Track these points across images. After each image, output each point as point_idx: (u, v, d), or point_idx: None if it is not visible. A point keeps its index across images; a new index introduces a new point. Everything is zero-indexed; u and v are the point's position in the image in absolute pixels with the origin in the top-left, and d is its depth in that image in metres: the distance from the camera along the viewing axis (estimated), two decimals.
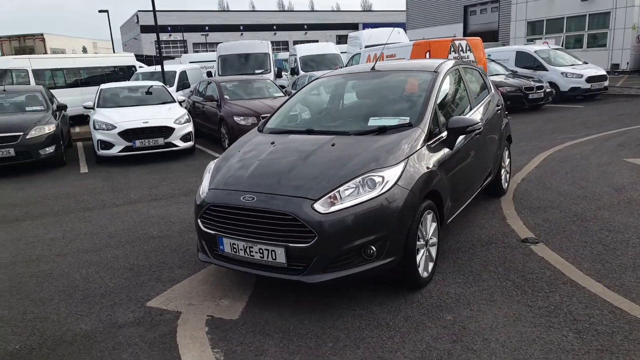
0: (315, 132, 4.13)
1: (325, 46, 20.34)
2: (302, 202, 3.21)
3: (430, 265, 3.79)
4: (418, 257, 3.54)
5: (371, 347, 2.94)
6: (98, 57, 19.42)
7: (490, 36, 35.40)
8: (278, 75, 19.19)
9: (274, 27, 68.68)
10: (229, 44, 18.01)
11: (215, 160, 4.12)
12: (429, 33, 38.39)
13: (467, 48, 12.66)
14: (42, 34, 24.38)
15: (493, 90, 5.81)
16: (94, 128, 9.45)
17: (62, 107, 10.48)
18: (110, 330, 3.28)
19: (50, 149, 8.98)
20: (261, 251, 3.30)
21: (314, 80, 5.23)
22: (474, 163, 4.67)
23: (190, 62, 22.46)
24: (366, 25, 60.69)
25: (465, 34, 38.53)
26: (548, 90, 14.45)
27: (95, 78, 17.14)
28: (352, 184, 3.30)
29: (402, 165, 3.46)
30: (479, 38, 13.31)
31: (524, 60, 16.63)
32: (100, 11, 25.85)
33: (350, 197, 3.25)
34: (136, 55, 35.73)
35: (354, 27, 63.86)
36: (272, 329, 3.19)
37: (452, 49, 12.62)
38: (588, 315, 3.19)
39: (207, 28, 63.25)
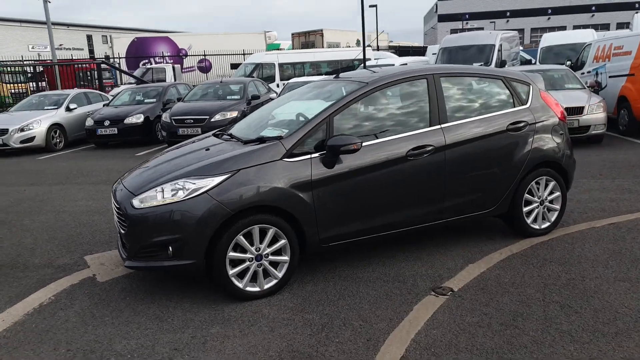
0: (233, 137, 4.43)
1: (579, 34, 17.40)
2: (128, 196, 3.77)
3: (272, 282, 3.79)
4: (236, 269, 3.64)
5: (103, 331, 3.38)
6: (336, 52, 21.59)
7: None
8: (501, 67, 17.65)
9: (593, 8, 60.28)
10: (453, 36, 17.48)
11: None
12: None
13: None
14: (321, 30, 28.32)
15: (527, 105, 4.65)
16: None
17: (256, 97, 12.61)
18: (42, 265, 4.58)
19: None
20: (118, 232, 4.02)
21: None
22: (414, 188, 4.11)
23: (433, 54, 22.55)
24: None
25: None
26: None
27: (334, 70, 19.30)
28: (171, 186, 3.65)
29: (224, 176, 3.60)
30: None
31: None
32: (370, 6, 28.17)
33: (171, 198, 3.61)
34: (421, 47, 36.94)
35: None
36: (104, 298, 3.88)
37: None
38: None
39: (508, 14, 60.38)
